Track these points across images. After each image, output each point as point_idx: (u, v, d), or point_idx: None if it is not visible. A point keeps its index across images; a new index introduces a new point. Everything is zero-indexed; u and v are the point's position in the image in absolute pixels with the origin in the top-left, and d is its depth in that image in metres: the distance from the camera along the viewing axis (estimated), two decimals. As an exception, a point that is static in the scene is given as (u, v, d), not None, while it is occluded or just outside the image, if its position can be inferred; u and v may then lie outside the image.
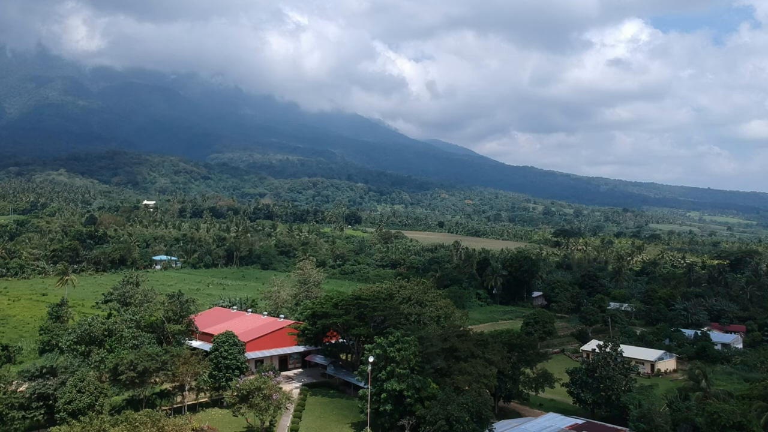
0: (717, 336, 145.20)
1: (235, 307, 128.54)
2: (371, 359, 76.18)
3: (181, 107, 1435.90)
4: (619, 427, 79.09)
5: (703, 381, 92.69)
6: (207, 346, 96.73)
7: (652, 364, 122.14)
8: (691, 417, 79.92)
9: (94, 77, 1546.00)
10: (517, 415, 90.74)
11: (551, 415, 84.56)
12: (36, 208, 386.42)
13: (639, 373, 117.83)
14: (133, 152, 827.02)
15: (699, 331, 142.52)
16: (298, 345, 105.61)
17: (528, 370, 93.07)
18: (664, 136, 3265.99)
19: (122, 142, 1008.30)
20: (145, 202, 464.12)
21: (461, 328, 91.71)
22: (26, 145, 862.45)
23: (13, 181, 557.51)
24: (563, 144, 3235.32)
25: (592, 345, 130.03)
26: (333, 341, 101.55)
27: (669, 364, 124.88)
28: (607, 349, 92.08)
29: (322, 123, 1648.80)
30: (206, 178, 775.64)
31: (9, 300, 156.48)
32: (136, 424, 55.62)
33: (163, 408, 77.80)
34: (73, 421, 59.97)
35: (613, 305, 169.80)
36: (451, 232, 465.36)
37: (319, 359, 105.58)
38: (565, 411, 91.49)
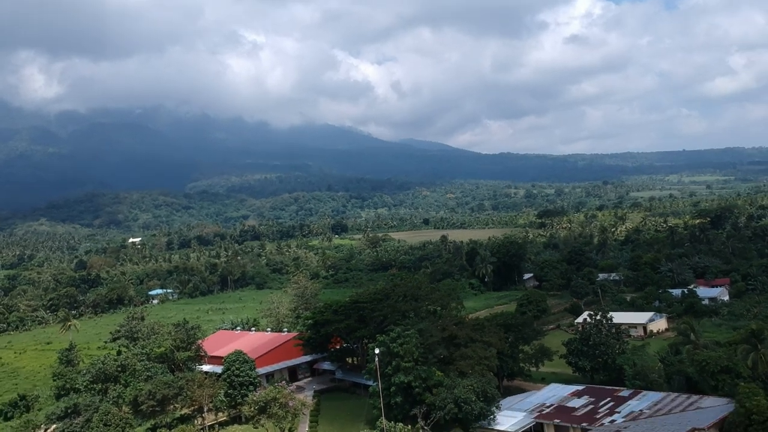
0: (703, 291, 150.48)
1: (238, 328, 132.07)
2: (377, 351, 79.90)
3: (152, 141, 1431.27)
4: (617, 388, 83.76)
5: (692, 334, 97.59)
6: (218, 369, 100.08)
7: (644, 327, 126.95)
8: (684, 369, 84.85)
9: (60, 123, 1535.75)
10: (521, 391, 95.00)
11: (553, 385, 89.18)
12: (23, 260, 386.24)
13: (632, 336, 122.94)
14: (110, 192, 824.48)
15: (686, 290, 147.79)
16: (305, 355, 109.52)
17: (526, 347, 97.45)
18: (632, 105, 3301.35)
19: (98, 184, 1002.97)
20: (131, 239, 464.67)
21: (458, 317, 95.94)
22: (2, 199, 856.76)
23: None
24: (535, 126, 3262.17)
25: (585, 317, 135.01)
26: (338, 347, 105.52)
27: (660, 324, 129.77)
28: (598, 317, 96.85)
29: (294, 137, 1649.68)
30: (187, 208, 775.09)
31: (15, 353, 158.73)
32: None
33: None
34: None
35: (601, 276, 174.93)
36: (437, 228, 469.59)
37: (326, 366, 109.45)
38: (567, 381, 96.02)
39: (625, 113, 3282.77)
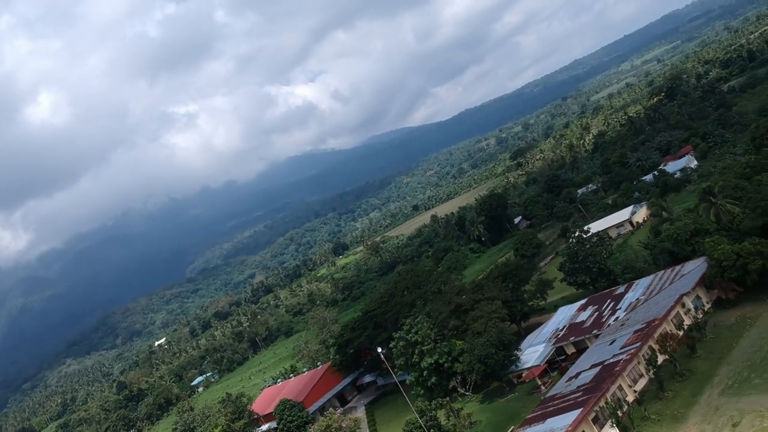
0: (672, 166, 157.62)
1: (279, 380, 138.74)
2: (379, 350, 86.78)
3: (136, 244, 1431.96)
4: (614, 287, 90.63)
5: (663, 212, 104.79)
6: (275, 424, 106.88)
7: (630, 221, 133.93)
8: (665, 247, 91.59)
9: (45, 265, 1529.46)
10: (538, 326, 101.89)
11: (561, 309, 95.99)
12: (67, 405, 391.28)
13: (619, 235, 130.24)
14: (119, 309, 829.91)
15: (655, 172, 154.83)
16: (346, 377, 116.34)
17: (527, 287, 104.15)
18: (559, 16, 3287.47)
19: (106, 305, 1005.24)
20: (157, 343, 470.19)
21: (458, 286, 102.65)
22: (23, 357, 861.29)
23: (32, 395, 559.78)
24: (479, 75, 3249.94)
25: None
26: (369, 358, 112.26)
27: (643, 213, 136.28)
28: (577, 234, 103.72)
29: (265, 182, 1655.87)
30: (196, 291, 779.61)
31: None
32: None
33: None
34: None
35: (580, 191, 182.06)
36: (428, 209, 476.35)
37: (368, 378, 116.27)
38: (576, 299, 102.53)
39: (555, 27, 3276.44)
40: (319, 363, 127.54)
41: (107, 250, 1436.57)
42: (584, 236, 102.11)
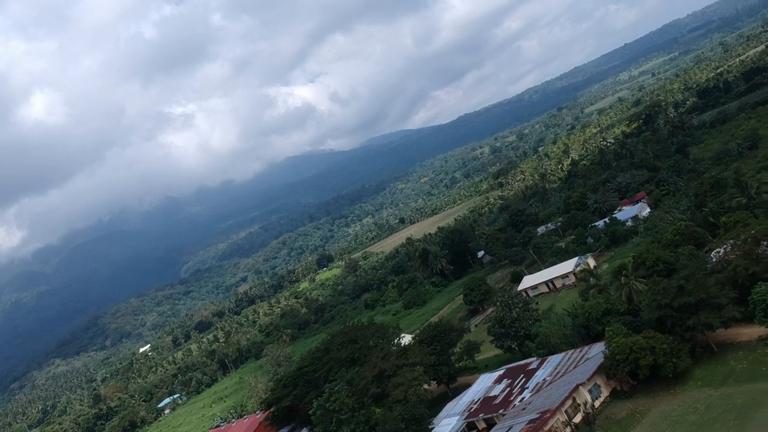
0: (625, 213, 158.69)
1: (222, 424, 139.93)
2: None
3: (132, 241, 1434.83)
4: (529, 360, 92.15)
5: (591, 278, 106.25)
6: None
7: (574, 273, 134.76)
8: (580, 322, 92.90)
9: (40, 261, 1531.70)
10: (467, 386, 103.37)
11: (481, 377, 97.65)
12: (47, 412, 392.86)
13: (564, 286, 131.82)
14: (110, 309, 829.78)
15: (607, 219, 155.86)
16: (283, 428, 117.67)
17: (455, 349, 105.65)
18: (561, 22, 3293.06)
19: (101, 303, 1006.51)
20: (141, 349, 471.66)
21: (385, 350, 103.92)
22: (15, 353, 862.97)
23: (19, 396, 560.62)
24: (480, 79, 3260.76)
25: (525, 284, 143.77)
26: (302, 413, 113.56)
27: (589, 264, 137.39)
28: (505, 298, 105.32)
29: (262, 183, 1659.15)
30: (188, 293, 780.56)
31: None
32: None
33: None
34: None
35: (540, 229, 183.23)
36: (413, 222, 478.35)
37: (304, 431, 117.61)
38: (506, 361, 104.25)
39: (556, 33, 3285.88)
40: (258, 411, 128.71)
41: (103, 246, 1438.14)
42: (511, 301, 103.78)
